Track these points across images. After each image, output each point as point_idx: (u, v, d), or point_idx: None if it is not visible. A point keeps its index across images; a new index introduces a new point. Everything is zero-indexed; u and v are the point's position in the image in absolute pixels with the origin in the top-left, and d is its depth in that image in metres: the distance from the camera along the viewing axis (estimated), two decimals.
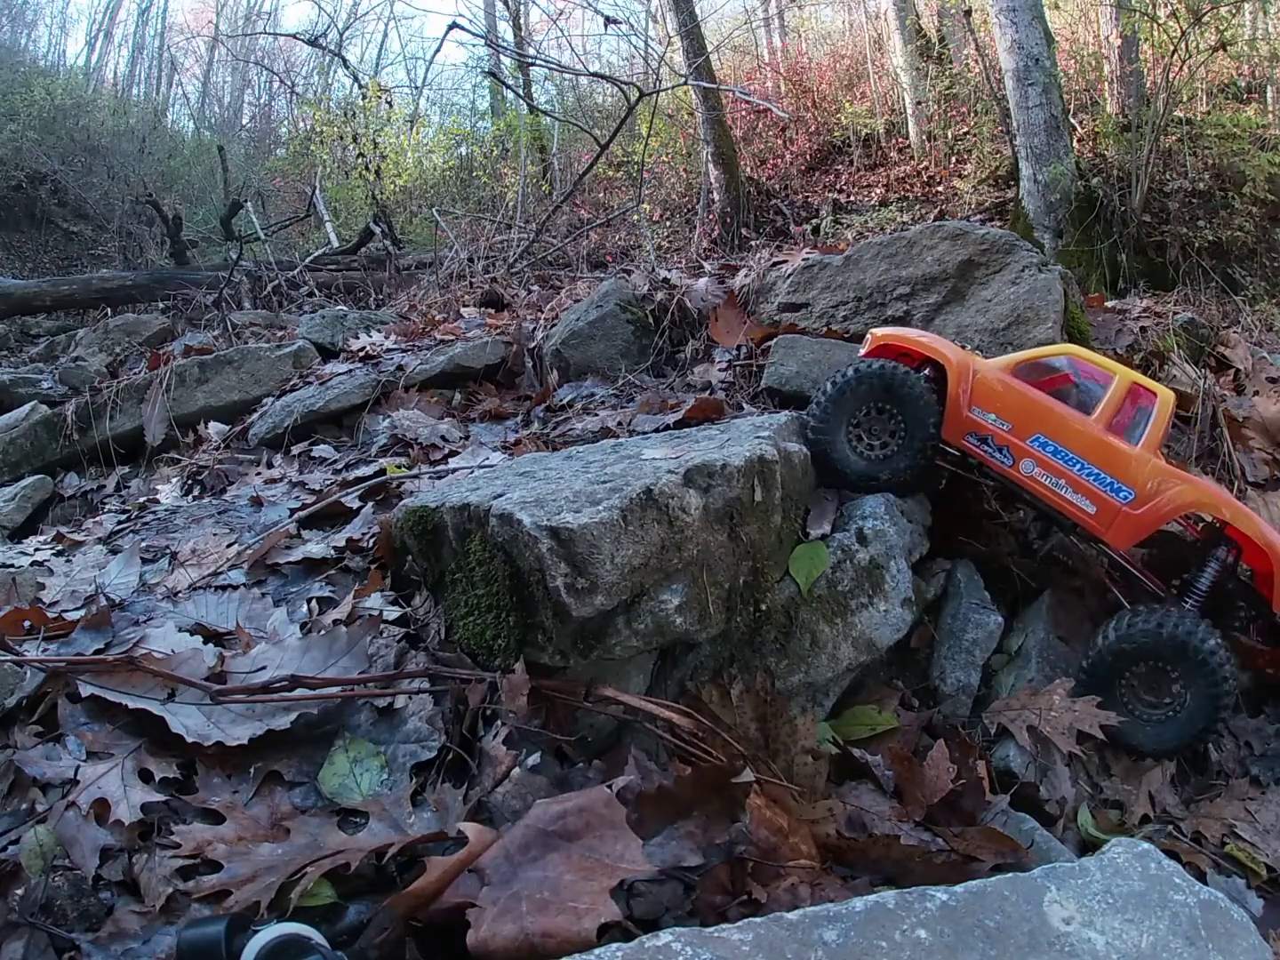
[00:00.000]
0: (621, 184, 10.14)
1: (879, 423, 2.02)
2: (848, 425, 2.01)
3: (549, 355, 3.45)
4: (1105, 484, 1.85)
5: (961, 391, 1.99)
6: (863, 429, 2.02)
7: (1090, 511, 1.86)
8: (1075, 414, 1.91)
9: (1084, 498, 1.86)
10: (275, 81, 16.14)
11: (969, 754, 1.68)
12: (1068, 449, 1.88)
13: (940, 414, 1.99)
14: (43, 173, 11.76)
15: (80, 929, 1.06)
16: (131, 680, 1.39)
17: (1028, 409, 1.93)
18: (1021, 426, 1.93)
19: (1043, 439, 1.90)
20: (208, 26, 18.20)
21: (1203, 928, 0.96)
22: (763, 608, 1.69)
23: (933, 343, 2.09)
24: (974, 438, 1.98)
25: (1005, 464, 1.94)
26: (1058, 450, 1.89)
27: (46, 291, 7.04)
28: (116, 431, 3.59)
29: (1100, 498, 1.85)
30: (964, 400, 1.99)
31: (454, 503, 1.56)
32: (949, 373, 2.00)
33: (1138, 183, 6.52)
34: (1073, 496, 1.87)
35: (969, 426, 1.99)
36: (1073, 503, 1.87)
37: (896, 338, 2.15)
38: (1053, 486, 1.89)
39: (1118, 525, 1.84)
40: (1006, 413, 1.95)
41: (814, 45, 13.18)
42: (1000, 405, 1.96)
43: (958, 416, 1.99)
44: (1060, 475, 1.88)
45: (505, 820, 1.24)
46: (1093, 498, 1.86)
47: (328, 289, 6.98)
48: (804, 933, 0.91)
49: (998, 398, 1.96)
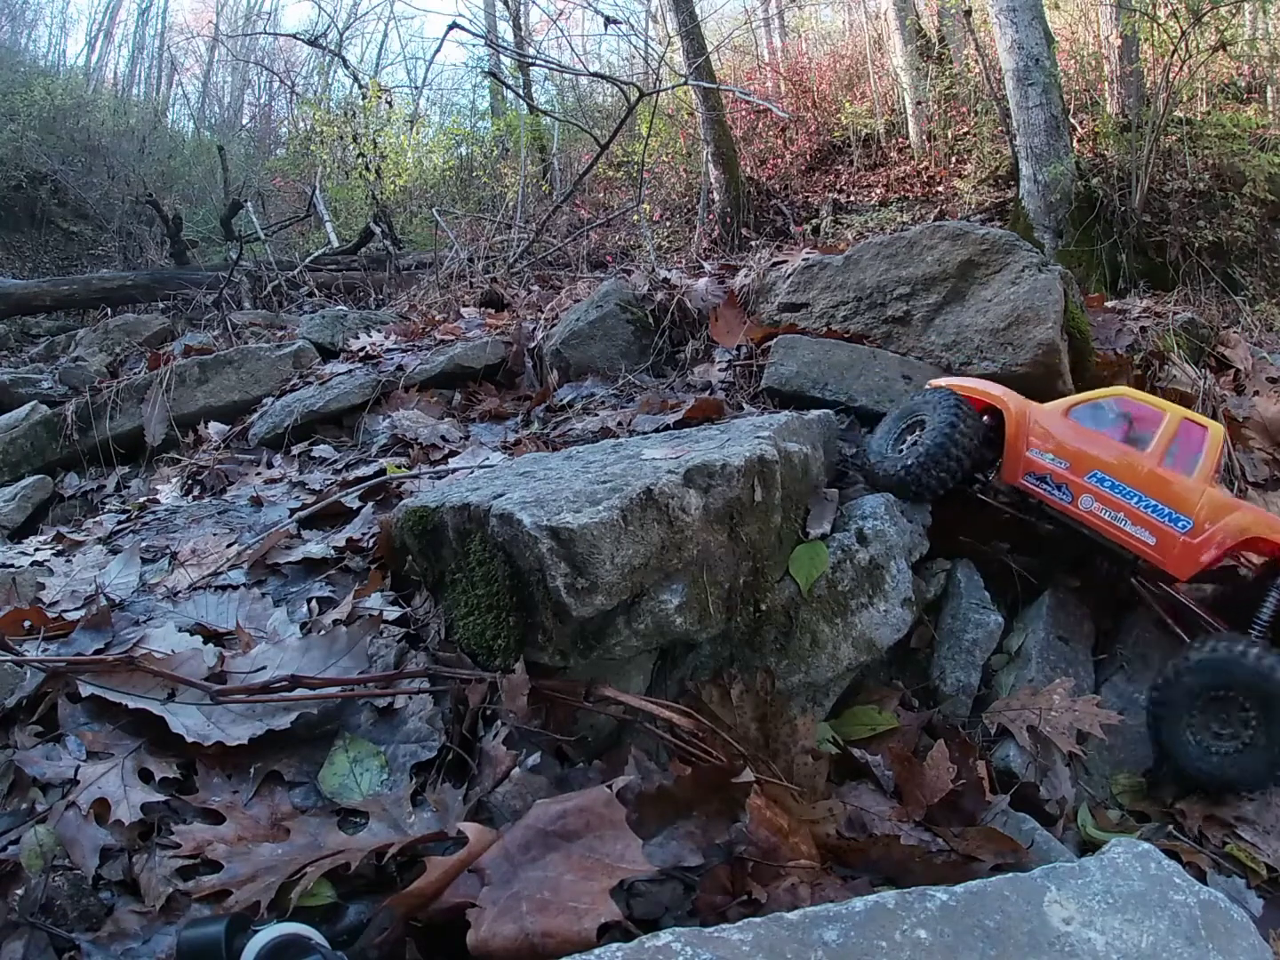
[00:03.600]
0: (621, 184, 10.14)
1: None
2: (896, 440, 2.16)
3: (549, 355, 3.44)
4: (1163, 515, 1.88)
5: (1019, 434, 2.07)
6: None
7: (1150, 543, 1.89)
8: (1130, 450, 1.96)
9: (1143, 529, 1.90)
10: (275, 81, 16.14)
11: (969, 754, 1.68)
12: (1124, 483, 1.93)
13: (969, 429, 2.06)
14: (43, 173, 11.76)
15: (80, 929, 1.06)
16: (131, 680, 1.39)
17: (1084, 447, 2.00)
18: (1079, 464, 1.99)
19: (1100, 475, 1.96)
20: (208, 26, 18.20)
21: (1203, 928, 0.96)
22: (763, 608, 1.69)
23: (991, 389, 2.18)
24: (1032, 477, 2.05)
25: (1064, 501, 2.00)
26: (1115, 485, 1.94)
27: (46, 291, 7.04)
28: (116, 431, 3.59)
29: (1159, 528, 1.88)
30: (1022, 442, 2.06)
31: (454, 503, 1.56)
32: (1006, 417, 2.09)
33: (1138, 183, 6.52)
34: (1132, 529, 1.91)
35: (1027, 467, 2.06)
36: (1133, 535, 1.91)
37: (956, 386, 2.23)
38: (1112, 520, 1.93)
39: (1178, 555, 1.86)
40: (1063, 451, 2.02)
41: (814, 45, 13.19)
42: (1057, 445, 2.03)
43: (1016, 458, 2.07)
44: (1119, 509, 1.93)
45: (505, 820, 1.24)
46: (1152, 529, 1.89)
47: (328, 289, 6.98)
48: (804, 933, 0.91)
49: (1054, 438, 2.04)
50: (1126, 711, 1.94)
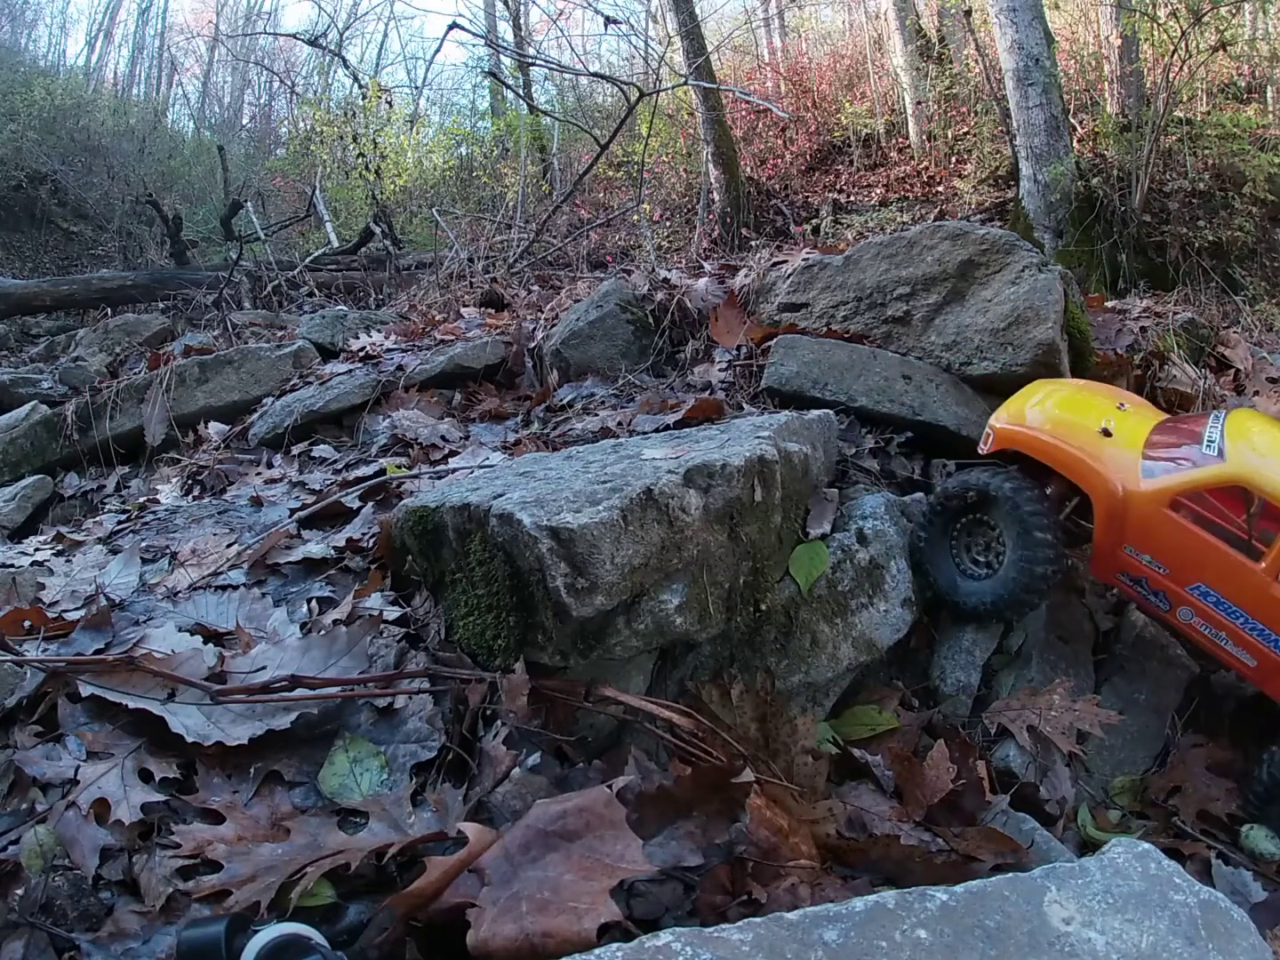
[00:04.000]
0: (621, 184, 10.14)
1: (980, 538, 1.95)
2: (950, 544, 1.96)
3: (549, 355, 3.44)
4: (1270, 641, 1.69)
5: (1114, 529, 1.82)
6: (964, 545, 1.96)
7: (1250, 665, 1.73)
8: (1243, 561, 1.70)
9: (1244, 651, 1.73)
10: (275, 81, 16.14)
11: (969, 754, 1.68)
12: (1231, 601, 1.71)
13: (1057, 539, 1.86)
14: (43, 173, 11.76)
15: (80, 929, 1.06)
16: (131, 680, 1.39)
17: (1189, 553, 1.75)
18: (1181, 572, 1.76)
19: (1204, 588, 1.74)
20: (208, 26, 18.20)
21: (1203, 928, 0.96)
22: (763, 608, 1.69)
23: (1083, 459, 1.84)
24: (1126, 577, 1.85)
25: (1161, 609, 1.81)
26: (1220, 602, 1.73)
27: (46, 291, 7.04)
28: (116, 431, 3.59)
29: (1263, 653, 1.70)
30: (1115, 539, 1.82)
31: (454, 503, 1.56)
32: (1096, 508, 1.83)
33: (1138, 183, 6.52)
34: (1233, 649, 1.74)
35: (1122, 566, 1.84)
36: (1232, 655, 1.74)
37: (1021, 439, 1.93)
38: (1211, 636, 1.76)
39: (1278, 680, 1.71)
40: (1164, 555, 1.77)
41: (814, 45, 13.19)
42: (1158, 546, 1.78)
43: (1110, 555, 1.85)
44: (1221, 627, 1.73)
45: (505, 820, 1.24)
46: (1254, 652, 1.71)
47: (328, 289, 6.98)
48: (804, 933, 0.91)
49: (1156, 537, 1.78)
50: (1126, 711, 1.94)
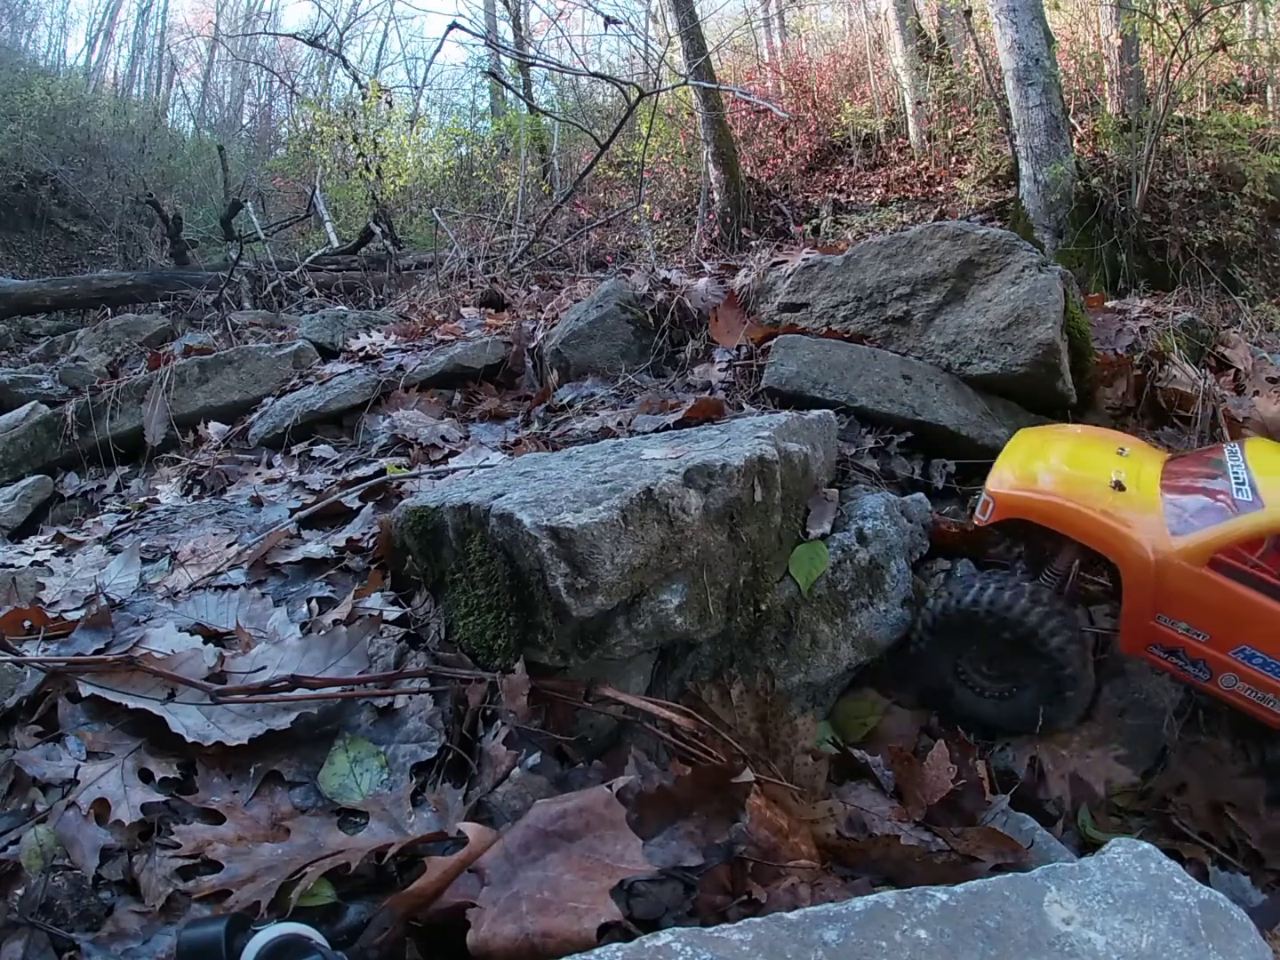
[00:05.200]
0: (621, 184, 10.14)
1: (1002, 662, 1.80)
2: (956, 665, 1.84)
3: (549, 355, 3.44)
4: None
5: (1144, 598, 1.64)
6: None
7: None
8: None
9: None
10: (275, 81, 16.14)
11: (969, 754, 1.68)
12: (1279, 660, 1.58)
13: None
14: (43, 173, 11.77)
15: (80, 929, 1.06)
16: (131, 680, 1.39)
17: (1231, 615, 1.59)
18: (1223, 637, 1.60)
19: (1249, 650, 1.59)
20: (208, 26, 18.20)
21: (1203, 928, 0.96)
22: (763, 608, 1.69)
23: (1102, 523, 1.66)
24: (1160, 650, 1.67)
25: (1200, 679, 1.65)
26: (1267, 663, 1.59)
27: (46, 291, 7.05)
28: (116, 431, 3.59)
29: None
30: (1147, 608, 1.64)
31: (454, 503, 1.56)
32: (1125, 578, 1.66)
33: (1138, 183, 6.52)
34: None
35: (1154, 638, 1.67)
36: (1279, 715, 1.62)
37: (1030, 507, 1.75)
38: (1258, 700, 1.62)
39: None
40: (1203, 620, 1.61)
41: (814, 45, 13.19)
42: (1195, 612, 1.61)
43: (1140, 627, 1.67)
44: (1269, 690, 1.59)
45: (505, 820, 1.24)
46: None
47: (328, 289, 6.99)
48: (804, 933, 0.91)
49: (1193, 603, 1.61)
50: (1126, 712, 1.94)
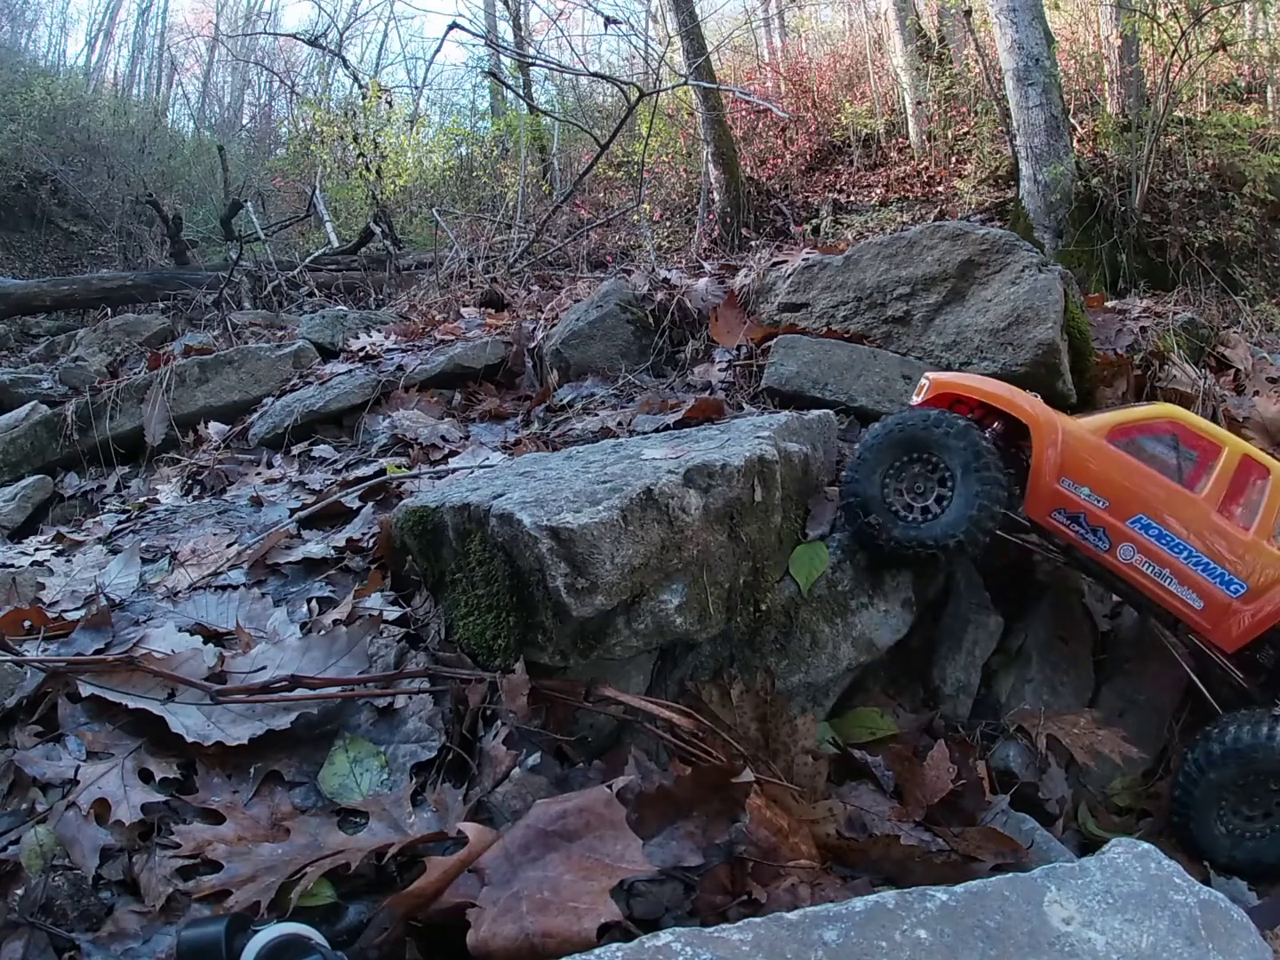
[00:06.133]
0: (621, 184, 10.13)
1: (924, 478, 1.76)
2: (884, 480, 1.78)
3: (549, 355, 3.45)
4: (1214, 575, 1.61)
5: (1050, 460, 1.70)
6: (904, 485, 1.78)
7: (1196, 607, 1.63)
8: (1184, 491, 1.65)
9: (1190, 591, 1.63)
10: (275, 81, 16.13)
11: (969, 754, 1.68)
12: (1174, 533, 1.62)
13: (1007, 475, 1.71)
14: (43, 173, 11.76)
15: (80, 929, 1.06)
16: (131, 680, 1.39)
17: (1129, 483, 1.66)
18: (1121, 504, 1.66)
19: (1146, 520, 1.64)
20: (208, 26, 18.18)
21: (1203, 928, 0.96)
22: (763, 608, 1.69)
23: (1016, 399, 1.76)
24: (1063, 515, 1.71)
25: (1100, 548, 1.68)
26: (1162, 534, 1.63)
27: (46, 291, 7.04)
28: (116, 431, 3.59)
29: (1209, 591, 1.61)
30: (1052, 471, 1.70)
31: (454, 503, 1.56)
32: (1034, 435, 1.72)
33: (1138, 183, 6.52)
34: (1178, 589, 1.64)
35: (1058, 501, 1.71)
36: (1177, 596, 1.64)
37: (960, 385, 1.85)
38: (1156, 577, 1.64)
39: (1227, 623, 1.62)
40: (1103, 486, 1.67)
41: (814, 45, 13.17)
42: (1096, 478, 1.68)
43: (1045, 490, 1.72)
44: (1165, 564, 1.63)
45: (505, 820, 1.24)
46: (1200, 591, 1.62)
47: (328, 289, 6.98)
48: (804, 933, 0.91)
49: (1093, 469, 1.68)
50: (1126, 712, 1.95)
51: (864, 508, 1.75)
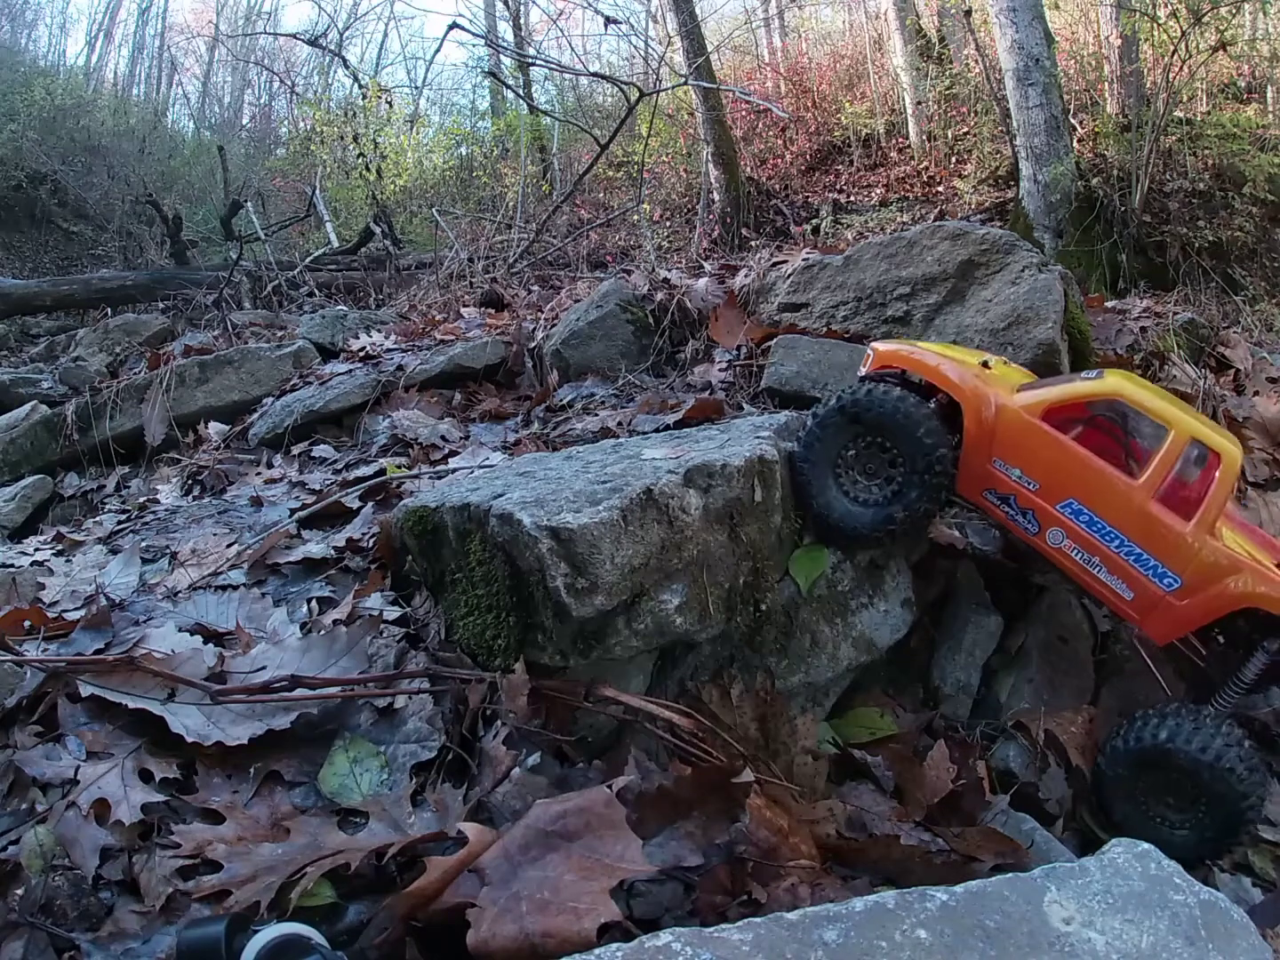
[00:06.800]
0: (621, 184, 10.14)
1: (873, 459, 1.72)
2: (834, 462, 1.74)
3: (549, 355, 3.45)
4: (1147, 567, 1.54)
5: (981, 439, 1.65)
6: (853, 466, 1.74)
7: (1126, 598, 1.57)
8: (1118, 476, 1.57)
9: (1120, 581, 1.57)
10: (275, 81, 16.14)
11: (969, 754, 1.68)
12: (1105, 520, 1.56)
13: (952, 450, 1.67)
14: (43, 173, 11.76)
15: (80, 929, 1.06)
16: (131, 680, 1.39)
17: (1061, 466, 1.60)
18: (1052, 487, 1.60)
19: (1076, 505, 1.58)
20: (208, 26, 18.18)
21: (1203, 928, 0.96)
22: (763, 608, 1.69)
23: (947, 372, 1.71)
24: (993, 495, 1.66)
25: (1029, 531, 1.63)
26: (1093, 521, 1.57)
27: (46, 291, 7.05)
28: (116, 431, 3.59)
29: (1140, 583, 1.55)
30: (983, 450, 1.65)
31: (454, 503, 1.56)
32: (964, 411, 1.66)
33: (1138, 183, 6.52)
34: (1107, 578, 1.58)
35: (988, 482, 1.66)
36: (1107, 585, 1.58)
37: (901, 357, 1.80)
38: (1084, 564, 1.59)
39: (1157, 617, 1.56)
40: (1034, 469, 1.62)
41: (814, 45, 13.16)
42: (1027, 459, 1.62)
43: (977, 468, 1.67)
44: (1094, 551, 1.58)
45: (505, 820, 1.24)
46: (1131, 582, 1.56)
47: (328, 289, 6.98)
48: (804, 933, 0.91)
49: (1025, 449, 1.63)
50: (1126, 713, 1.94)
51: (808, 489, 1.74)
